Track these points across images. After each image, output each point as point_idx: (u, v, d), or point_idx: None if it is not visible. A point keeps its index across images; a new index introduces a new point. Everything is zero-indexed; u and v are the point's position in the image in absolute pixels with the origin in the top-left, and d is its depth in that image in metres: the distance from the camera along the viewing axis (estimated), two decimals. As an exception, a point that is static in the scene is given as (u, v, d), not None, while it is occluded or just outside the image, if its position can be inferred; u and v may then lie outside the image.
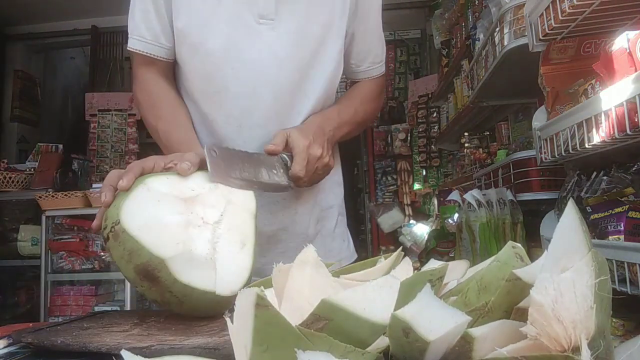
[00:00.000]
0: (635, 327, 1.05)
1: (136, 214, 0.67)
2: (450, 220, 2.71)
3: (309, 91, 1.02)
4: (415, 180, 4.78)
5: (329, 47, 1.03)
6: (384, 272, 0.56)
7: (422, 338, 0.33)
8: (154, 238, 0.65)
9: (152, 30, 0.99)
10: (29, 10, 4.83)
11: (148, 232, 0.65)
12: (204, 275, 0.68)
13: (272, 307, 0.33)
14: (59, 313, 3.21)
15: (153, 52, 1.01)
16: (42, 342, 0.59)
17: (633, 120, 0.89)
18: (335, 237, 1.15)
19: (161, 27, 0.99)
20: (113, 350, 0.54)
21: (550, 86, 1.31)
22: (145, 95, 1.03)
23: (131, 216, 0.66)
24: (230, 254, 0.72)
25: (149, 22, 0.99)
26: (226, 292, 0.69)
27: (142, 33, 1.00)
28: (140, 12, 1.00)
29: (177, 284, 0.65)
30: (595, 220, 1.06)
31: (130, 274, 0.67)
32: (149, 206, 0.68)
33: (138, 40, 1.00)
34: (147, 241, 0.65)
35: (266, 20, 0.97)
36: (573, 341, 0.31)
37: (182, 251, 0.66)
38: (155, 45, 1.00)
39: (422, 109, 4.54)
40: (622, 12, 1.16)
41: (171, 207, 0.70)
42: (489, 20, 2.11)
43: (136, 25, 1.00)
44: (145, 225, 0.66)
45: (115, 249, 0.66)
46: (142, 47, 1.00)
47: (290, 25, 0.98)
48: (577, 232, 0.36)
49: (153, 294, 0.67)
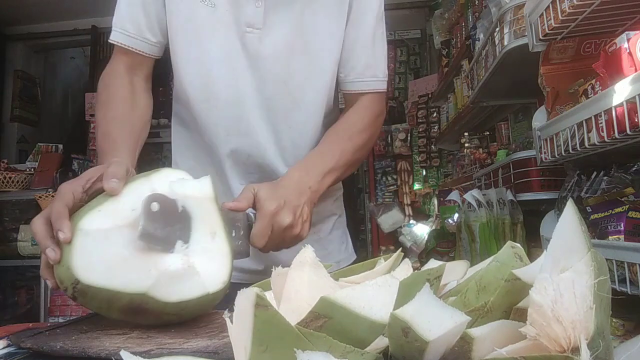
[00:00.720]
0: (635, 327, 1.05)
1: (91, 265, 0.60)
2: (450, 220, 2.71)
3: (302, 102, 1.00)
4: (415, 180, 4.78)
5: (325, 57, 1.00)
6: (383, 274, 0.55)
7: (422, 338, 0.33)
8: (123, 278, 0.61)
9: (136, 24, 0.98)
10: (29, 10, 4.83)
11: (114, 275, 0.60)
12: (191, 284, 0.64)
13: (272, 307, 0.33)
14: (59, 313, 3.20)
15: (134, 45, 0.99)
16: (41, 347, 0.58)
17: (633, 120, 0.88)
18: (332, 239, 1.13)
19: (147, 21, 0.98)
20: (113, 355, 0.53)
21: (550, 86, 1.31)
22: (104, 90, 0.99)
23: (87, 270, 0.60)
24: (205, 250, 0.67)
25: (134, 15, 0.98)
26: (218, 286, 0.66)
27: (126, 27, 0.98)
28: (126, 5, 0.99)
29: (170, 306, 0.63)
30: (595, 220, 1.06)
31: (118, 316, 0.63)
32: (99, 250, 0.61)
33: (120, 32, 0.99)
34: (118, 284, 0.60)
35: (253, 30, 0.95)
36: (572, 341, 0.31)
37: (158, 275, 0.62)
38: (138, 39, 0.99)
39: (422, 109, 4.53)
40: (622, 12, 1.16)
41: (122, 239, 0.62)
42: (489, 20, 2.11)
43: (121, 19, 0.99)
44: (108, 271, 0.60)
45: (89, 303, 0.62)
46: (124, 39, 0.98)
47: (279, 35, 0.96)
48: (577, 232, 0.36)
49: (150, 321, 0.64)
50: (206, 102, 0.99)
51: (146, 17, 0.98)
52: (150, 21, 0.98)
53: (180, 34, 0.97)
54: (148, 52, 1.00)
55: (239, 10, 0.95)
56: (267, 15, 0.95)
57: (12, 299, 3.72)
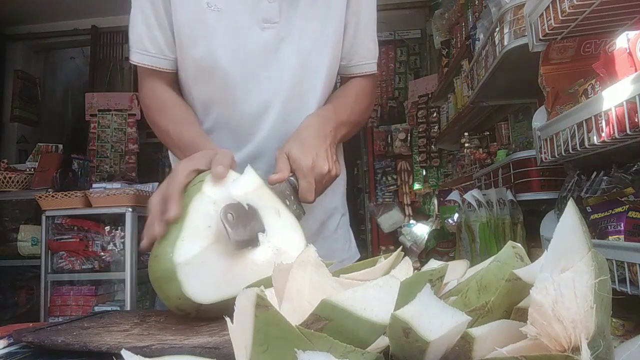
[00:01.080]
0: (635, 327, 1.05)
1: (204, 287, 0.66)
2: (450, 220, 2.71)
3: (311, 92, 1.01)
4: (415, 180, 4.78)
5: (329, 43, 1.01)
6: (384, 271, 0.56)
7: (422, 338, 0.33)
8: (235, 285, 0.67)
9: (155, 43, 0.99)
10: (29, 10, 4.83)
11: (227, 286, 0.67)
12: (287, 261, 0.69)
13: (272, 307, 0.33)
14: (59, 313, 3.20)
15: (158, 64, 1.00)
16: (42, 342, 0.58)
17: (633, 120, 0.89)
18: (337, 238, 1.14)
19: (164, 39, 0.99)
20: (113, 349, 0.53)
21: (550, 86, 1.31)
22: (153, 101, 1.02)
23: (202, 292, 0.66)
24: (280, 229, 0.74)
25: (152, 34, 0.98)
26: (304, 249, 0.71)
27: (146, 47, 0.99)
28: (143, 25, 0.99)
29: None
30: (595, 220, 1.06)
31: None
32: (203, 273, 0.68)
33: (141, 54, 0.99)
34: (234, 291, 0.62)
35: (270, 25, 0.96)
36: (573, 341, 0.31)
37: (259, 269, 0.68)
38: (160, 58, 1.00)
39: (422, 109, 4.54)
40: (622, 12, 1.16)
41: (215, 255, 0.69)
42: (489, 20, 2.11)
43: (139, 39, 0.99)
44: (220, 285, 0.67)
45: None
46: (147, 60, 1.00)
47: (294, 27, 0.97)
48: (577, 232, 0.36)
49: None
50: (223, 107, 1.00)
51: (164, 35, 0.98)
52: (167, 37, 0.99)
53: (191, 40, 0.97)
54: (169, 68, 1.01)
55: (253, 8, 0.95)
56: (281, 9, 0.96)
57: (12, 299, 3.72)
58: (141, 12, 0.99)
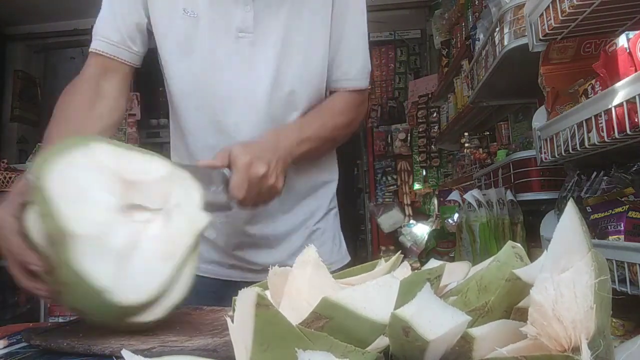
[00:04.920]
0: (635, 327, 1.05)
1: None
2: (450, 220, 2.71)
3: (289, 104, 1.00)
4: (415, 180, 4.78)
5: (314, 56, 1.01)
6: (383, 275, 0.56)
7: (422, 337, 0.33)
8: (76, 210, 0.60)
9: (119, 33, 0.98)
10: (29, 10, 4.83)
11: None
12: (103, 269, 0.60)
13: (273, 306, 0.33)
14: (59, 313, 3.20)
15: (116, 54, 0.99)
16: (49, 345, 0.61)
17: (633, 120, 0.89)
18: (325, 240, 1.11)
19: (128, 31, 0.98)
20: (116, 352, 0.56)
21: (550, 86, 1.31)
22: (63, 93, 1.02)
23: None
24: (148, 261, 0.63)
25: (117, 24, 0.98)
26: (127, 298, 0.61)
27: (108, 34, 0.98)
28: (110, 14, 0.99)
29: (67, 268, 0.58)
30: (595, 220, 1.06)
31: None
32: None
33: (102, 41, 0.99)
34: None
35: (245, 34, 0.96)
36: (573, 341, 0.31)
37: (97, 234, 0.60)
38: (121, 47, 0.99)
39: (422, 109, 4.53)
40: (622, 12, 1.16)
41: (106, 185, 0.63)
42: (489, 20, 2.11)
43: (102, 27, 0.99)
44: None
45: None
46: (107, 48, 0.99)
47: (271, 38, 0.97)
48: (577, 232, 0.36)
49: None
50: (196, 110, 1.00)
51: (128, 27, 0.98)
52: (132, 30, 0.99)
53: (167, 45, 0.98)
54: (128, 59, 1.00)
55: (228, 17, 0.95)
56: (257, 19, 0.96)
57: (12, 299, 3.72)
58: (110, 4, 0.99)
